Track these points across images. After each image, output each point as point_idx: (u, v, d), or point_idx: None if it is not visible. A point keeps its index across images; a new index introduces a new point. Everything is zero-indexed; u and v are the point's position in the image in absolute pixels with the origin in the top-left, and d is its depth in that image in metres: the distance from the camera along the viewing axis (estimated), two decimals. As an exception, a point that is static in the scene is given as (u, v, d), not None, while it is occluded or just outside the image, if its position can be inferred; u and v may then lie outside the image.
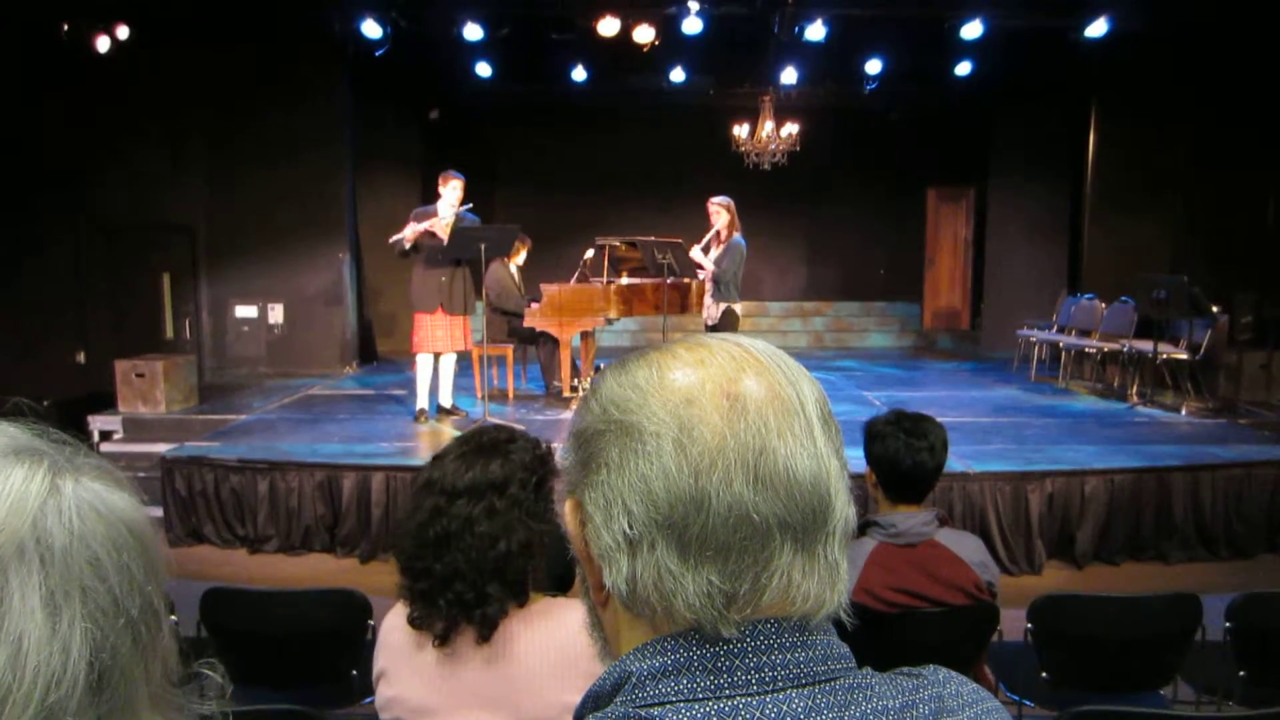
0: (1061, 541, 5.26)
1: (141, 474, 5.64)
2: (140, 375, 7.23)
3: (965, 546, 2.41)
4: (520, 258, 7.84)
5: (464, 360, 7.42)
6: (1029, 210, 10.53)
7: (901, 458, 2.38)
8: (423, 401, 6.79)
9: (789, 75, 9.79)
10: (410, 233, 6.36)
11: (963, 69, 9.82)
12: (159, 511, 5.51)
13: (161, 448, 5.93)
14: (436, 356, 6.71)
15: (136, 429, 6.73)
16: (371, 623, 2.80)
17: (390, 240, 6.55)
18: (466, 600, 1.56)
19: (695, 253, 6.66)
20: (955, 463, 5.38)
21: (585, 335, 8.01)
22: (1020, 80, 10.03)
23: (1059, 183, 10.37)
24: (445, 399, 6.92)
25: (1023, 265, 10.58)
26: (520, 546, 1.57)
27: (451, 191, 6.49)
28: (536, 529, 1.58)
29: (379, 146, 10.28)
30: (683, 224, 9.40)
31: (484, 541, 1.57)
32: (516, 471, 1.63)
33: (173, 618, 0.70)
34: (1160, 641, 2.71)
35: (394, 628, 1.65)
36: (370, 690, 1.71)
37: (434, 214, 6.51)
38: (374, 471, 5.42)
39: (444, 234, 6.35)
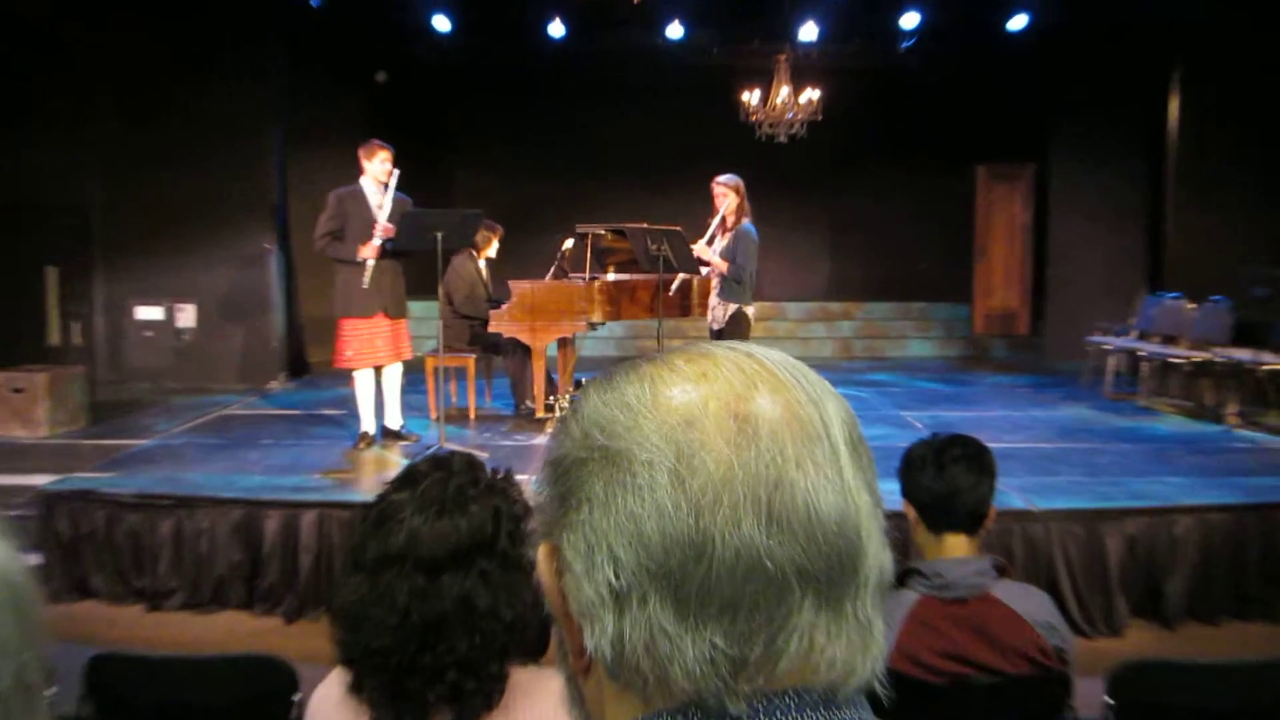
0: (1147, 595, 5.24)
1: (15, 512, 5.59)
2: (17, 390, 7.19)
3: (1029, 602, 2.40)
4: (491, 250, 7.87)
5: (412, 371, 7.41)
6: (1099, 190, 10.61)
7: (938, 486, 2.39)
8: (368, 424, 6.79)
9: (809, 31, 9.85)
10: (373, 250, 6.39)
11: (1018, 22, 9.89)
12: (36, 558, 5.46)
13: (41, 479, 5.88)
14: (378, 370, 6.73)
15: (10, 456, 6.69)
16: (298, 697, 2.78)
17: (332, 255, 6.54)
18: (467, 690, 1.53)
19: (699, 247, 6.68)
20: (1015, 498, 5.38)
21: (563, 343, 8.02)
22: (1087, 35, 10.12)
23: (1135, 158, 10.45)
24: (394, 419, 6.92)
25: (1093, 257, 10.65)
26: (530, 608, 1.55)
27: (379, 165, 6.51)
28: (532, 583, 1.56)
29: (315, 118, 10.31)
30: (681, 208, 9.44)
31: (490, 619, 1.54)
32: (502, 520, 1.61)
33: (51, 690, 0.69)
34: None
35: (327, 700, 1.63)
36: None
37: (360, 196, 6.52)
38: (304, 509, 5.40)
39: (380, 232, 6.38)
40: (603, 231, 7.61)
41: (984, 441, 2.51)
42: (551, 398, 7.49)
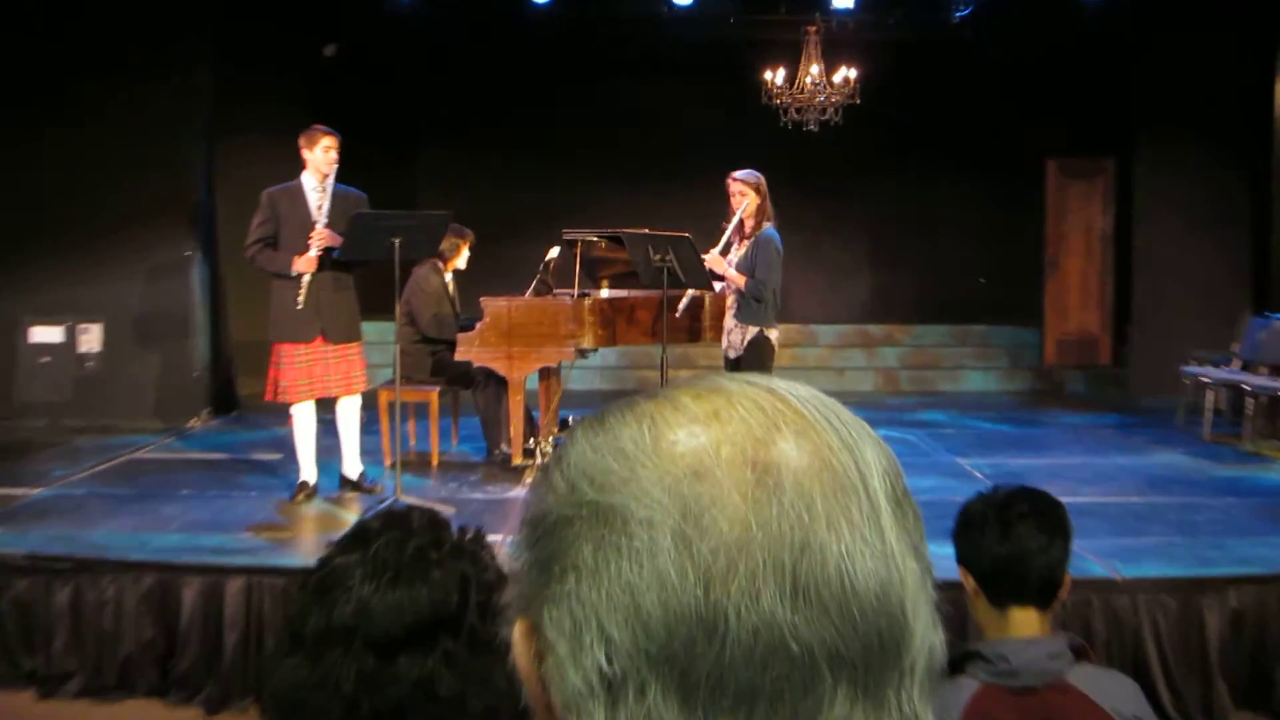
0: (1254, 682, 5.22)
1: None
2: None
3: (1112, 691, 2.40)
4: (460, 260, 7.90)
5: (369, 407, 7.41)
6: (1194, 191, 10.66)
7: (1001, 550, 2.39)
8: (308, 471, 6.79)
9: (845, -3, 9.91)
10: (308, 261, 6.42)
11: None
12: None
13: (-86, 539, 5.87)
14: (334, 404, 6.76)
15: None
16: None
17: (263, 266, 6.58)
18: None
19: (713, 257, 6.70)
20: (1095, 564, 5.37)
21: (547, 374, 8.03)
22: (1179, 6, 10.19)
23: (1237, 154, 10.50)
24: (351, 466, 6.95)
25: (1187, 270, 10.69)
26: (504, 698, 1.54)
27: (322, 155, 6.54)
28: (506, 668, 1.55)
29: (250, 99, 10.37)
30: (690, 210, 9.48)
31: (455, 710, 1.54)
32: (471, 590, 1.60)
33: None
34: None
35: None
36: None
37: (297, 194, 6.56)
38: (230, 576, 5.38)
39: (317, 240, 6.40)
40: (595, 238, 7.64)
41: (1057, 495, 2.51)
42: (531, 441, 7.49)
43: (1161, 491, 7.07)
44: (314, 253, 6.42)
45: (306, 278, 6.42)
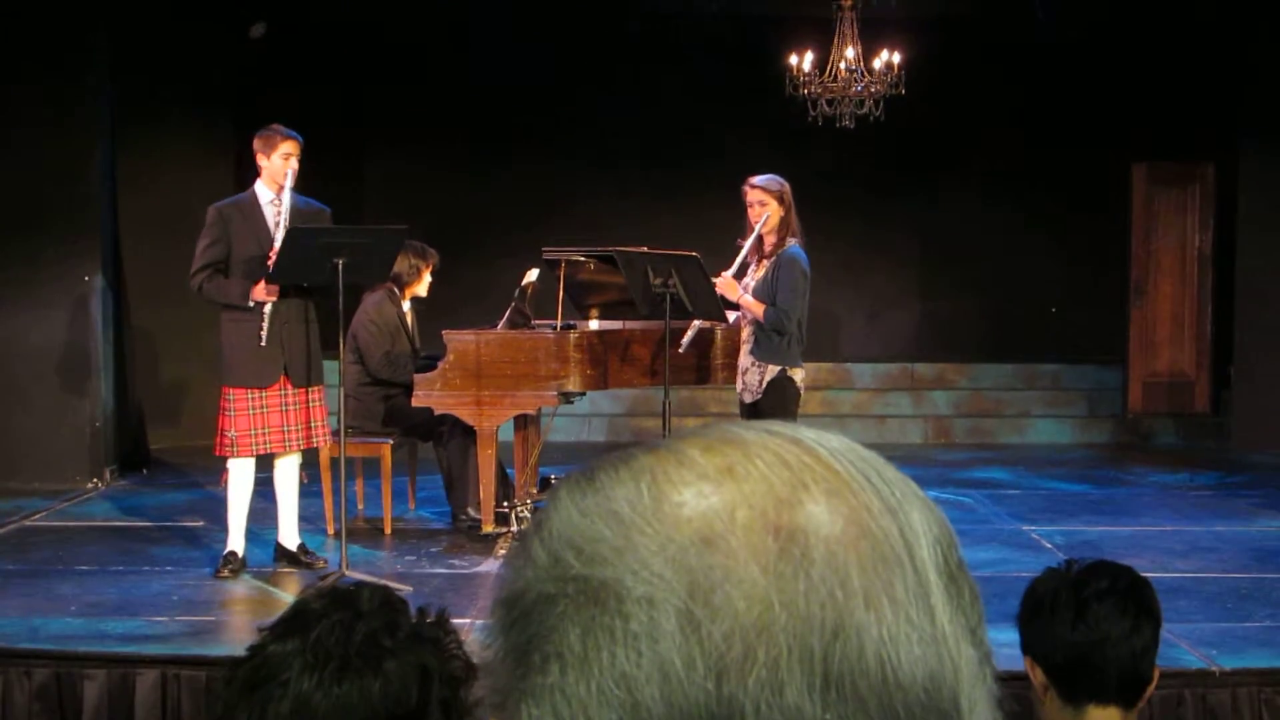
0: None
1: None
2: None
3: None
4: (421, 288, 7.90)
5: (310, 464, 7.39)
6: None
7: (1076, 636, 2.39)
8: (236, 540, 6.78)
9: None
10: (268, 291, 6.42)
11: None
12: None
13: None
14: (272, 459, 6.76)
15: None
16: None
17: (212, 298, 6.60)
18: None
19: (725, 281, 6.70)
20: (1189, 653, 5.36)
21: (524, 424, 8.01)
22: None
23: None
24: (290, 535, 6.94)
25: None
26: None
27: (279, 164, 6.57)
28: None
29: (163, 91, 10.41)
30: (698, 224, 9.51)
31: None
32: (433, 684, 1.60)
33: None
34: None
35: None
36: None
37: (253, 209, 6.58)
38: (141, 668, 5.35)
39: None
40: (582, 258, 7.65)
41: (1143, 571, 2.52)
42: (505, 504, 7.46)
43: (1270, 566, 7.04)
44: (270, 272, 6.44)
45: (268, 309, 6.44)
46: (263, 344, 6.43)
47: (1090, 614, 2.42)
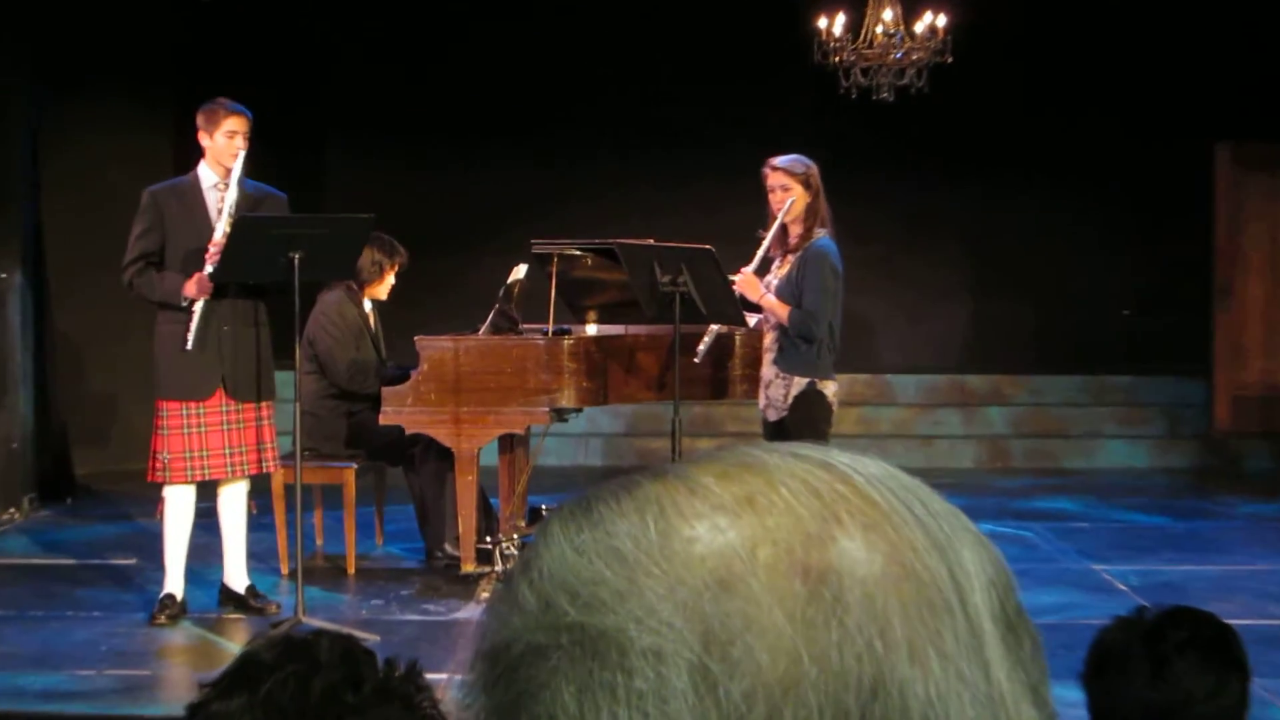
0: None
1: None
2: None
3: None
4: (383, 289, 7.91)
5: (260, 492, 7.37)
6: None
7: (1153, 696, 2.38)
8: (174, 580, 6.77)
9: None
10: (201, 285, 6.42)
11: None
12: None
13: None
14: (216, 487, 6.75)
15: None
16: None
17: (144, 295, 6.63)
18: None
19: (745, 278, 6.70)
20: (1285, 713, 5.34)
21: (510, 446, 8.00)
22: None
23: None
24: (237, 576, 6.93)
25: None
26: None
27: (225, 142, 6.59)
28: None
29: (93, 61, 10.41)
30: (712, 211, 9.50)
31: None
32: None
33: None
34: None
35: None
36: None
37: (192, 195, 6.60)
38: (62, 730, 5.36)
39: (215, 255, 6.44)
40: (578, 253, 7.64)
41: (1231, 618, 2.51)
42: (489, 539, 7.46)
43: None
44: (210, 269, 6.44)
45: (199, 307, 6.44)
46: (187, 347, 6.40)
47: (1169, 670, 2.41)
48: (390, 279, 7.92)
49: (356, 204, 7.49)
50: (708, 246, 6.75)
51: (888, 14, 10.93)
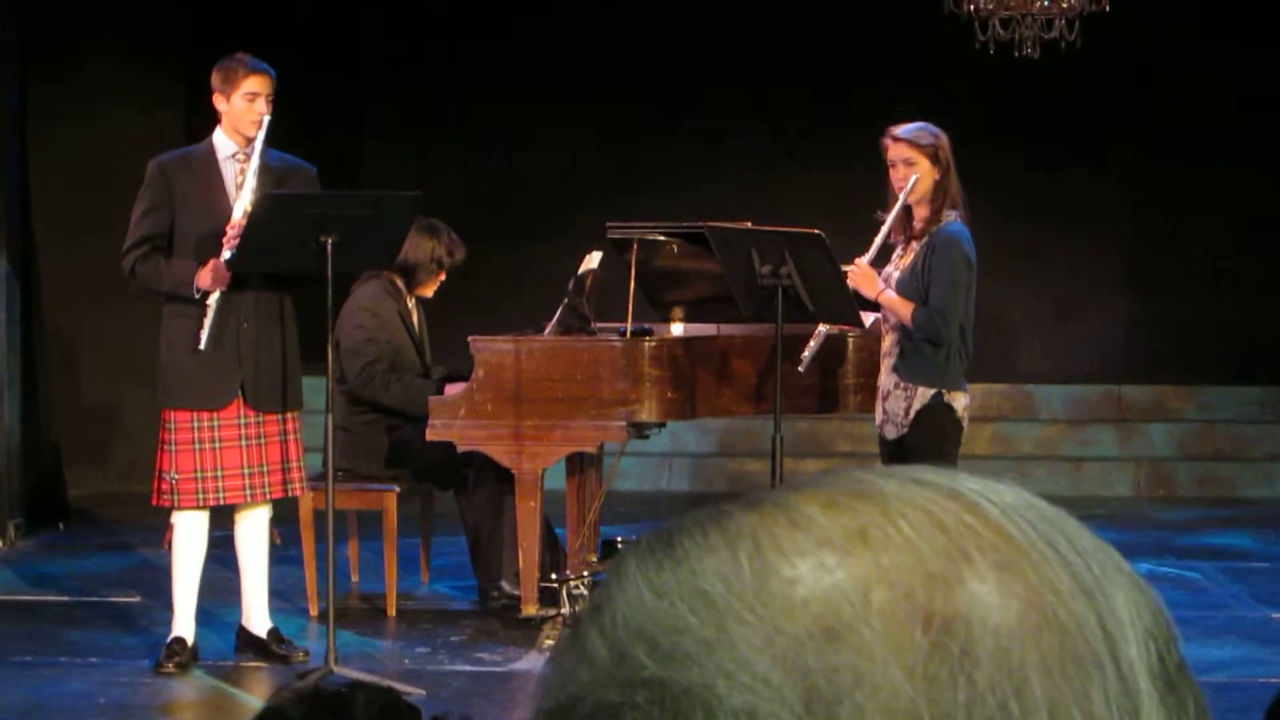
0: None
1: None
2: None
3: None
4: (435, 285, 7.94)
5: (286, 519, 7.41)
6: None
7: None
8: (184, 622, 6.81)
9: None
10: (218, 275, 6.46)
11: None
12: None
13: None
14: (233, 513, 6.80)
15: None
16: None
17: (148, 286, 6.72)
18: None
19: (861, 270, 6.67)
20: None
21: (581, 468, 8.02)
22: None
23: None
24: (259, 618, 6.96)
25: None
26: None
27: (244, 105, 6.63)
28: None
29: (91, 24, 10.51)
30: (821, 191, 9.48)
31: None
32: None
33: None
34: None
35: None
36: None
37: (206, 166, 6.65)
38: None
39: (233, 239, 6.48)
40: (661, 238, 7.65)
41: None
42: (554, 577, 7.47)
43: None
44: (228, 255, 6.46)
45: (215, 300, 6.48)
46: (200, 347, 6.42)
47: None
48: (443, 277, 7.95)
49: (397, 185, 7.54)
50: (816, 231, 6.74)
51: (1033, -45, 10.89)
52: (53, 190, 10.15)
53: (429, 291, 7.97)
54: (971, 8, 10.89)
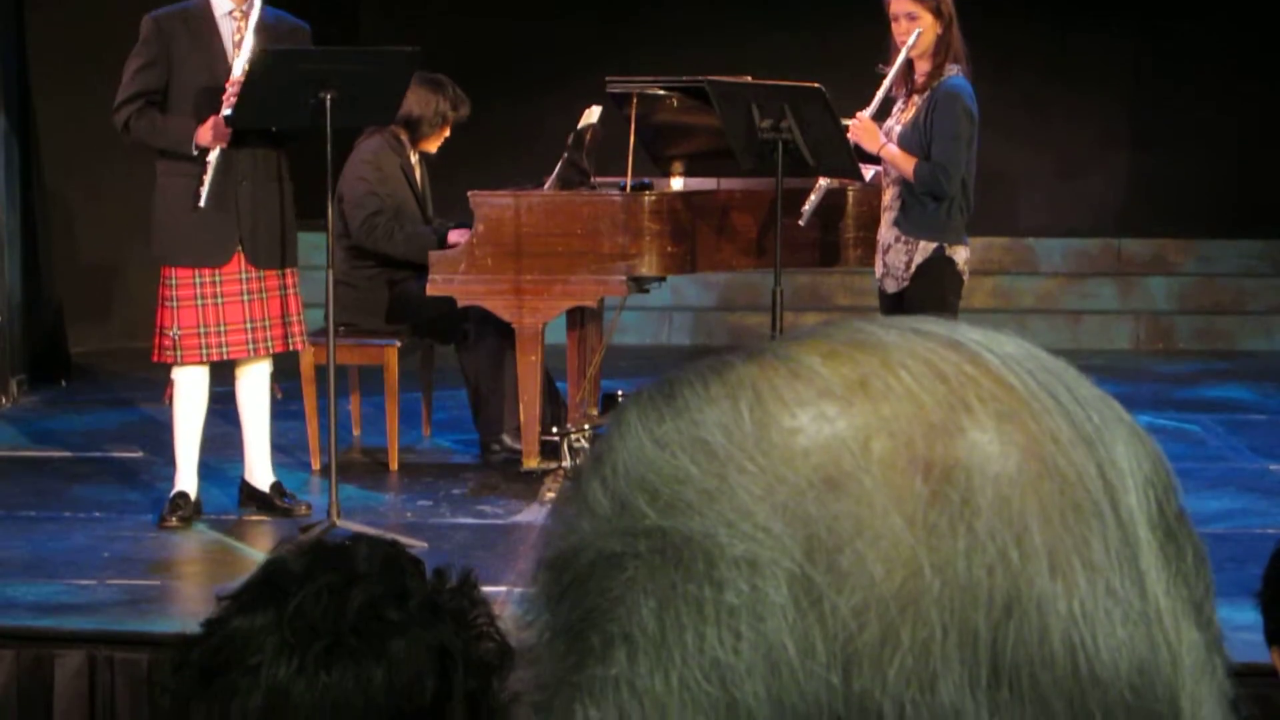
0: None
1: None
2: None
3: None
4: (439, 140, 7.91)
5: (287, 375, 7.43)
6: None
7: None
8: (186, 477, 6.86)
9: None
10: (218, 132, 6.45)
11: None
12: None
13: None
14: (234, 368, 6.83)
15: None
16: None
17: (143, 140, 6.69)
18: None
19: (862, 124, 6.65)
20: None
21: (581, 321, 8.03)
22: None
23: None
24: (262, 472, 7.02)
25: None
26: None
27: None
28: None
29: None
30: (823, 43, 9.41)
31: None
32: (455, 672, 1.62)
33: None
34: None
35: None
36: None
37: (203, 21, 6.61)
38: (61, 648, 5.44)
39: (233, 96, 6.45)
40: (661, 92, 7.61)
41: None
42: (555, 431, 7.52)
43: None
44: (228, 112, 6.44)
45: (214, 157, 6.46)
46: (200, 204, 6.43)
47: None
48: (447, 132, 7.92)
49: (396, 42, 7.48)
50: (816, 85, 6.71)
51: None
52: (51, 47, 10.09)
53: (433, 147, 7.95)
54: None
